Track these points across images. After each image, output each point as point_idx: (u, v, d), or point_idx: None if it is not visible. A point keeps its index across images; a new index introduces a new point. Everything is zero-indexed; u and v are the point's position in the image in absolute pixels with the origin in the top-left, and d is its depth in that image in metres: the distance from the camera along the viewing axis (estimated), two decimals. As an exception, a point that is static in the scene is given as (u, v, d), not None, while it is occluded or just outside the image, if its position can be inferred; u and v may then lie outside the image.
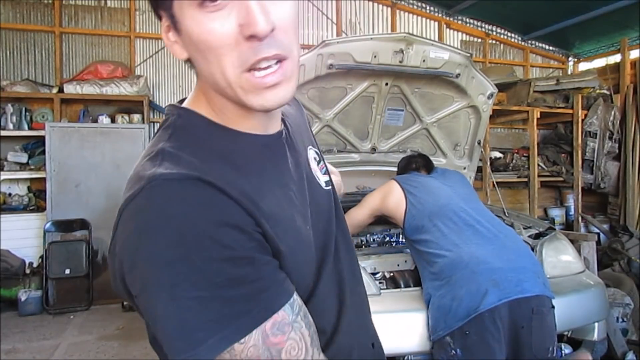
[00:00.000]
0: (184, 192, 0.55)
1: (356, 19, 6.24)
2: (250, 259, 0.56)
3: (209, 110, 0.66)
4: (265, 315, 0.55)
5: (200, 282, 0.53)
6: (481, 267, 1.74)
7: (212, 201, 0.56)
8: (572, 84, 5.82)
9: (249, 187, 0.60)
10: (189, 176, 0.56)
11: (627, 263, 4.42)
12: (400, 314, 1.91)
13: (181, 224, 0.53)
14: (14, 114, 4.65)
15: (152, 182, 0.56)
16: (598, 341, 2.23)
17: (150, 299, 0.55)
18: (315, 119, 2.84)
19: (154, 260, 0.53)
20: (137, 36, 5.49)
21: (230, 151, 0.63)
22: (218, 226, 0.54)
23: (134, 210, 0.56)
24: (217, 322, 0.53)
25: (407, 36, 2.54)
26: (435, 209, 2.01)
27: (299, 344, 0.57)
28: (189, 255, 0.53)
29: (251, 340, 0.54)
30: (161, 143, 0.62)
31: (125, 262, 0.57)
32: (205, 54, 0.58)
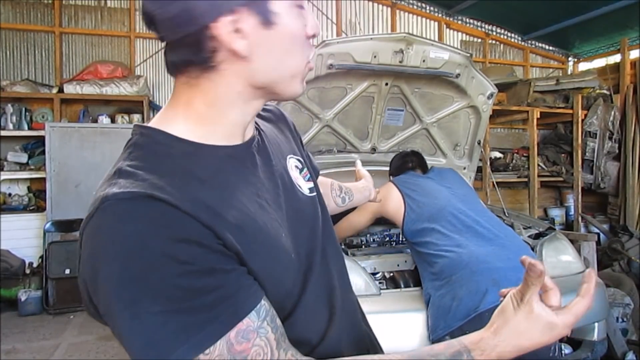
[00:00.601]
0: (134, 211, 0.56)
1: (356, 19, 6.24)
2: (211, 269, 0.56)
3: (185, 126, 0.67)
4: (231, 322, 0.56)
5: (160, 298, 0.54)
6: (481, 267, 1.74)
7: (164, 218, 0.56)
8: (572, 84, 5.82)
9: (212, 200, 0.61)
10: (139, 194, 0.57)
11: (627, 263, 4.42)
12: (400, 314, 1.91)
13: (133, 244, 0.54)
14: (14, 114, 4.66)
15: (105, 202, 0.57)
16: (598, 341, 2.23)
17: (115, 319, 0.56)
18: (315, 119, 2.84)
19: (112, 281, 0.54)
20: (137, 36, 5.49)
21: (193, 165, 0.64)
22: (172, 242, 0.55)
23: (90, 232, 0.58)
24: (182, 332, 0.54)
25: (407, 36, 2.55)
26: (434, 212, 2.01)
27: (264, 349, 0.57)
28: (144, 274, 0.54)
29: (216, 350, 0.54)
30: (120, 162, 0.63)
31: (88, 283, 0.58)
32: (291, 46, 0.66)
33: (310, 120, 2.84)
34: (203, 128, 0.67)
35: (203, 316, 0.54)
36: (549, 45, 7.15)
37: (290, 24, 0.65)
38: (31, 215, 4.70)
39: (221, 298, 0.56)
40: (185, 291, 0.54)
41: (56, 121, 4.74)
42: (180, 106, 0.68)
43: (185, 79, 0.66)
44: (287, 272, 0.67)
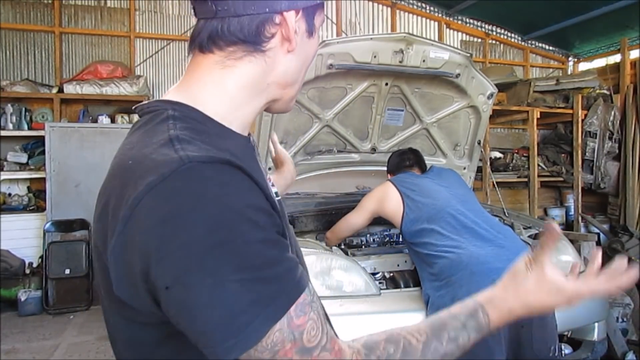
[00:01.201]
0: (219, 175, 0.56)
1: (356, 19, 6.24)
2: (277, 240, 0.58)
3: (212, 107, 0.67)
4: (296, 294, 0.57)
5: (243, 266, 0.53)
6: (480, 268, 1.74)
7: (244, 185, 0.57)
8: (572, 84, 5.82)
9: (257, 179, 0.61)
10: (221, 159, 0.57)
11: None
12: (400, 314, 1.91)
13: (221, 207, 0.54)
14: (13, 114, 4.65)
15: (187, 163, 0.55)
16: (598, 341, 2.23)
17: (191, 287, 0.52)
18: (315, 119, 2.84)
19: (195, 246, 0.52)
20: (137, 36, 5.49)
21: (229, 145, 0.64)
22: (253, 209, 0.56)
23: (164, 195, 0.54)
24: (258, 303, 0.54)
25: (407, 36, 2.54)
26: (433, 212, 2.01)
27: (316, 323, 0.58)
28: (230, 238, 0.53)
29: (277, 325, 0.55)
30: (170, 131, 0.61)
31: (153, 252, 0.53)
32: (310, 60, 0.75)
33: (310, 120, 2.84)
34: (226, 109, 0.68)
35: (275, 287, 0.55)
36: (549, 45, 7.15)
37: (317, 42, 0.74)
38: (31, 215, 4.70)
39: (288, 269, 0.57)
40: (264, 259, 0.55)
41: (56, 121, 4.74)
42: (208, 84, 0.68)
43: (221, 59, 0.67)
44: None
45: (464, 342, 0.69)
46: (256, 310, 0.53)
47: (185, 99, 0.67)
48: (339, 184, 3.14)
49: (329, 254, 2.10)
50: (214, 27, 0.65)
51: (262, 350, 0.54)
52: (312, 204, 2.95)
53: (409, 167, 2.44)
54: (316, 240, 2.45)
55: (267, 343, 0.54)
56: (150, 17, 5.56)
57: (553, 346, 1.72)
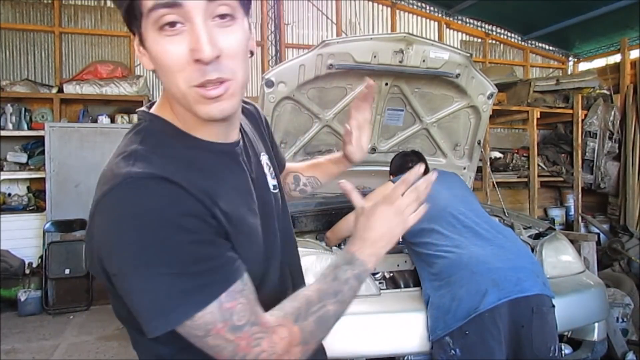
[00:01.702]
0: (152, 189, 0.65)
1: (356, 19, 6.24)
2: (212, 241, 0.68)
3: (173, 117, 0.76)
4: (224, 286, 0.66)
5: (171, 261, 0.63)
6: (481, 267, 1.74)
7: (176, 197, 0.66)
8: (572, 84, 5.82)
9: (209, 188, 0.71)
10: (157, 176, 0.66)
11: (627, 263, 4.42)
12: (400, 314, 1.91)
13: (152, 216, 0.64)
14: (13, 114, 4.65)
15: (127, 179, 0.66)
16: (598, 341, 2.23)
17: (127, 279, 0.65)
18: (315, 119, 2.84)
19: (131, 246, 0.63)
20: (137, 36, 5.49)
21: (193, 157, 0.74)
22: (182, 216, 0.65)
23: (111, 204, 0.66)
24: (185, 293, 0.64)
25: (407, 36, 2.54)
26: (434, 212, 2.00)
27: (245, 306, 0.68)
28: (159, 242, 0.63)
29: (208, 307, 0.64)
30: (134, 145, 0.72)
31: (103, 248, 0.67)
32: (162, 69, 0.69)
33: (310, 120, 2.84)
34: (185, 120, 0.76)
35: (203, 280, 0.65)
36: (549, 45, 7.15)
37: (153, 49, 0.68)
38: (31, 215, 4.70)
39: (219, 266, 0.67)
40: (192, 257, 0.64)
41: (56, 121, 4.74)
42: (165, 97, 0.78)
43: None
44: (257, 259, 0.79)
45: (353, 285, 0.82)
46: (183, 298, 0.64)
47: (161, 110, 0.77)
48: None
49: (329, 254, 2.09)
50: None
51: (196, 327, 0.65)
52: (312, 204, 2.95)
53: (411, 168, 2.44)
54: (316, 240, 2.45)
55: (200, 322, 0.64)
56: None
57: (553, 346, 1.72)
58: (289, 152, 2.91)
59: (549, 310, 1.73)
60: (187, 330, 0.66)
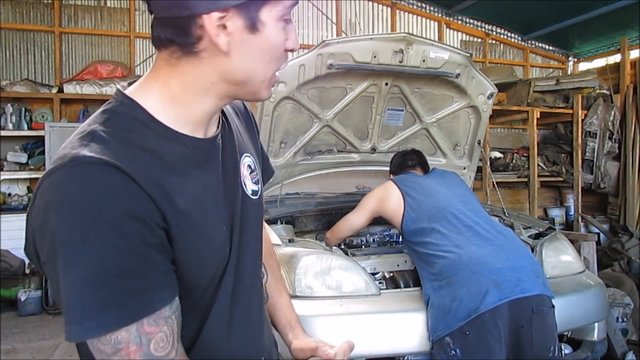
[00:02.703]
0: (99, 178, 0.59)
1: (356, 19, 6.24)
2: (145, 255, 0.61)
3: (159, 102, 0.70)
4: (143, 312, 0.60)
5: (93, 266, 0.57)
6: (481, 268, 1.74)
7: (123, 190, 0.60)
8: (572, 84, 5.82)
9: (169, 184, 0.65)
10: (108, 163, 0.60)
11: (627, 263, 4.42)
12: (400, 314, 1.91)
13: (89, 207, 0.58)
14: (13, 114, 4.65)
15: (74, 161, 0.60)
16: (598, 341, 2.23)
17: (51, 269, 0.60)
18: (315, 119, 2.84)
19: (59, 236, 0.58)
20: (137, 36, 5.49)
21: (160, 147, 0.68)
22: (123, 216, 0.59)
23: (51, 185, 0.61)
24: (97, 309, 0.57)
25: (407, 36, 2.54)
26: (434, 212, 2.01)
27: (168, 337, 0.62)
28: (90, 237, 0.57)
29: (123, 330, 0.58)
30: (95, 124, 0.66)
31: (36, 230, 0.62)
32: (268, 54, 0.70)
33: (310, 120, 2.84)
34: (174, 109, 0.70)
35: (122, 299, 0.58)
36: (549, 45, 7.15)
37: (273, 35, 0.69)
38: (31, 215, 4.69)
39: (144, 288, 0.60)
40: (117, 267, 0.58)
41: (56, 121, 4.73)
42: (157, 82, 0.71)
43: (167, 56, 0.69)
44: (216, 262, 0.74)
45: None
46: (92, 314, 0.57)
47: (137, 93, 0.71)
48: (339, 184, 3.14)
49: (329, 254, 2.09)
50: (156, 25, 0.69)
51: (105, 343, 0.58)
52: (312, 204, 2.95)
53: (412, 167, 2.44)
54: (316, 240, 2.45)
55: (111, 339, 0.58)
56: (150, 17, 5.49)
57: (553, 346, 1.72)
58: (289, 152, 2.92)
59: (549, 311, 1.73)
60: (94, 343, 0.59)
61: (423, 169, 2.45)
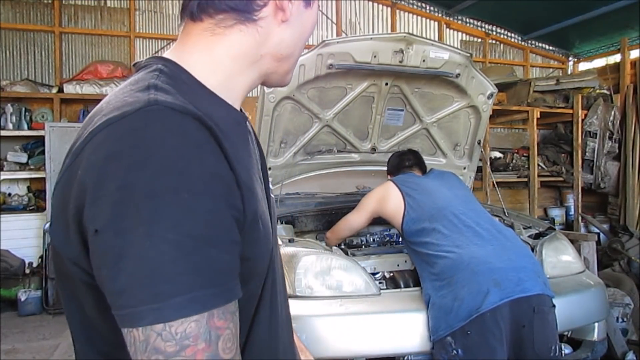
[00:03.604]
0: (185, 127, 0.51)
1: (356, 19, 6.24)
2: (230, 227, 0.52)
3: (202, 72, 0.63)
4: (229, 297, 0.50)
5: (183, 227, 0.47)
6: (482, 268, 1.74)
7: (210, 146, 0.52)
8: (572, 84, 5.82)
9: (229, 151, 0.56)
10: (192, 112, 0.52)
11: (627, 263, 4.42)
12: (400, 314, 1.91)
13: (176, 158, 0.48)
14: (13, 113, 4.65)
15: (153, 105, 0.51)
16: (598, 341, 2.23)
17: (120, 233, 0.46)
18: (315, 119, 2.84)
19: (136, 189, 0.46)
20: (137, 36, 5.49)
21: (214, 111, 0.59)
22: (211, 175, 0.50)
23: (120, 131, 0.50)
24: (188, 278, 0.46)
25: (407, 36, 2.54)
26: (435, 212, 2.01)
27: (233, 336, 0.51)
28: (178, 190, 0.47)
29: (196, 315, 0.47)
30: (150, 80, 0.57)
31: (90, 190, 0.48)
32: (309, 31, 0.72)
33: (310, 120, 2.84)
34: (217, 78, 0.64)
35: (213, 271, 0.48)
36: (549, 45, 7.15)
37: (315, 14, 0.72)
38: (31, 215, 4.69)
39: (232, 265, 0.51)
40: (211, 232, 0.49)
41: (56, 121, 4.73)
42: (197, 52, 0.64)
43: (210, 26, 0.64)
44: (268, 248, 0.65)
45: None
46: (185, 284, 0.46)
47: (189, 61, 0.64)
48: (339, 184, 3.14)
49: (329, 254, 2.09)
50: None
51: (169, 338, 0.45)
52: (312, 204, 2.95)
53: (409, 167, 2.44)
54: (316, 240, 2.45)
55: (178, 331, 0.45)
56: (150, 17, 5.56)
57: (554, 345, 1.72)
58: (289, 152, 2.92)
59: (549, 310, 1.73)
60: (150, 339, 0.45)
61: (421, 169, 2.45)
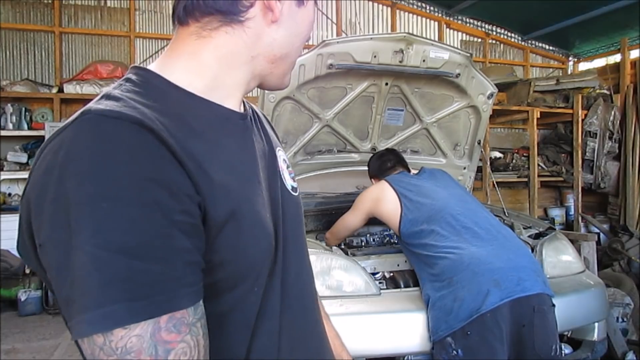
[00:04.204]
0: (117, 132, 0.48)
1: (356, 19, 6.24)
2: (168, 235, 0.48)
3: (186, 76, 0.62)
4: (163, 307, 0.47)
5: (101, 237, 0.45)
6: (482, 268, 1.74)
7: (145, 148, 0.49)
8: (572, 84, 5.82)
9: (201, 152, 0.54)
10: (128, 116, 0.50)
11: (627, 263, 4.42)
12: (400, 314, 1.91)
13: (103, 166, 0.46)
14: (13, 113, 4.65)
15: (85, 115, 0.50)
16: (598, 341, 2.23)
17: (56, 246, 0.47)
18: (315, 119, 2.84)
19: (65, 200, 0.46)
20: (137, 36, 5.49)
21: (187, 113, 0.57)
22: (144, 179, 0.47)
23: (56, 145, 0.49)
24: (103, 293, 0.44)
25: (407, 36, 2.54)
26: (432, 213, 1.99)
27: (192, 350, 0.48)
28: (101, 199, 0.45)
29: (137, 328, 0.45)
30: (106, 91, 0.57)
31: (33, 203, 0.49)
32: (306, 31, 0.69)
33: (310, 120, 2.84)
34: (203, 82, 0.63)
35: (138, 285, 0.45)
36: (549, 45, 7.15)
37: (311, 12, 0.69)
38: (31, 215, 4.68)
39: (165, 275, 0.47)
40: (136, 243, 0.46)
41: (56, 121, 4.73)
42: (183, 55, 0.64)
43: (196, 29, 0.63)
44: (262, 251, 0.61)
45: None
46: (97, 298, 0.44)
47: (158, 68, 0.63)
48: (339, 184, 3.14)
49: (329, 254, 2.09)
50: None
51: (110, 352, 0.45)
52: (312, 204, 2.95)
53: (392, 168, 2.38)
54: (316, 240, 2.45)
55: (119, 346, 0.44)
56: (150, 17, 5.56)
57: (554, 345, 1.72)
58: (289, 152, 2.91)
59: (549, 310, 1.73)
60: (95, 352, 0.45)
61: (404, 166, 2.40)
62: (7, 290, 4.28)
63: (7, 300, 4.25)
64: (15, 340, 3.60)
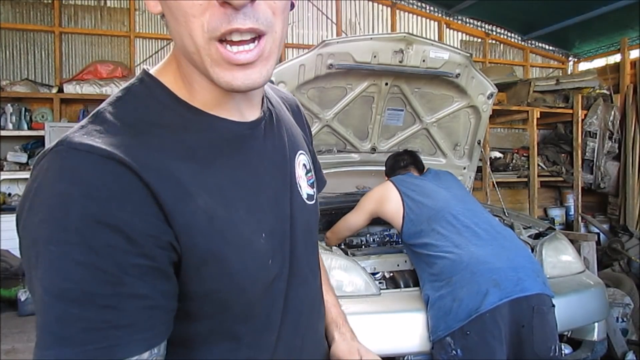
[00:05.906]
0: (77, 167, 0.47)
1: (356, 19, 6.24)
2: (117, 281, 0.46)
3: (176, 80, 0.58)
4: (105, 355, 0.45)
5: (45, 280, 0.46)
6: (481, 268, 1.74)
7: (109, 189, 0.47)
8: (572, 84, 5.82)
9: (188, 172, 0.52)
10: (99, 150, 0.48)
11: (627, 263, 4.42)
12: (400, 314, 1.91)
13: (56, 204, 0.46)
14: (13, 113, 4.65)
15: (59, 146, 0.50)
16: (598, 341, 2.23)
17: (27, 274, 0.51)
18: (315, 119, 2.84)
19: (27, 233, 0.49)
20: (137, 36, 5.49)
21: (185, 129, 0.55)
22: (98, 223, 0.45)
23: (34, 171, 0.51)
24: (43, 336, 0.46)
25: (407, 36, 2.54)
26: (433, 213, 2.00)
27: None
28: (49, 242, 0.46)
29: None
30: (105, 104, 0.57)
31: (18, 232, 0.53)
32: (174, 11, 0.50)
33: (310, 120, 2.84)
34: (185, 86, 0.58)
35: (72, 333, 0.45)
36: (549, 45, 7.15)
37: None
38: (31, 215, 4.68)
39: (106, 324, 0.46)
40: (80, 288, 0.45)
41: (56, 121, 4.73)
42: (168, 60, 0.61)
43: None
44: (253, 279, 0.58)
45: None
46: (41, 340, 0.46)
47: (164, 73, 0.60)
48: (339, 184, 3.14)
49: (329, 254, 2.09)
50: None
51: None
52: (312, 204, 2.94)
53: (404, 168, 2.43)
54: (316, 240, 2.45)
55: None
56: (150, 17, 5.56)
57: (554, 345, 1.72)
58: (289, 152, 2.91)
59: (549, 310, 1.73)
60: None
61: (417, 168, 2.44)
62: (7, 290, 4.28)
63: (7, 300, 4.25)
64: (15, 340, 3.59)
